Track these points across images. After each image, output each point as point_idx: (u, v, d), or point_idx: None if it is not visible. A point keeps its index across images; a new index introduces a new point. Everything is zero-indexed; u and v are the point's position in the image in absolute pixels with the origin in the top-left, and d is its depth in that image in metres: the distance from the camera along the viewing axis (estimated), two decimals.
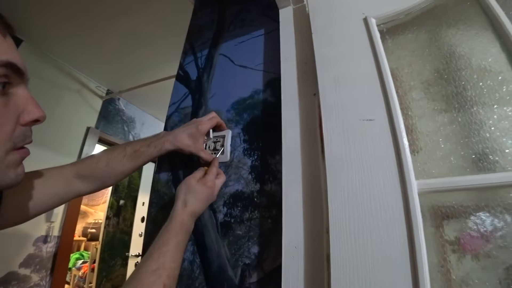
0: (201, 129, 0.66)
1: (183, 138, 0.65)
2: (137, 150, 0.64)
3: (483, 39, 0.55)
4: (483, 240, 0.44)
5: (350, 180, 0.45)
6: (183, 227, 0.53)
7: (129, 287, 0.44)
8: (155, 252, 0.48)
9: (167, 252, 0.48)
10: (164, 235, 0.52)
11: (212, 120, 0.70)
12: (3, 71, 0.29)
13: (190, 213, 0.55)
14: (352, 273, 0.40)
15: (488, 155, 0.45)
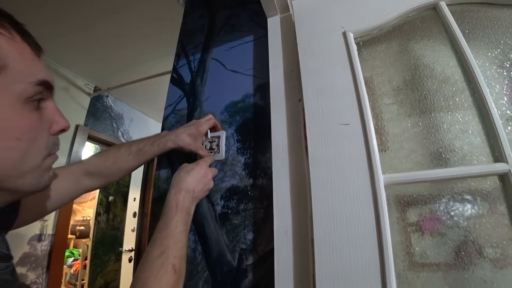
0: (200, 129, 0.73)
1: (184, 137, 0.72)
2: (141, 149, 0.70)
3: (443, 53, 0.64)
4: (437, 222, 0.54)
5: (329, 175, 0.54)
6: (179, 206, 0.53)
7: (139, 277, 0.44)
8: (158, 237, 0.49)
9: (169, 234, 0.49)
10: (162, 219, 0.52)
11: (209, 121, 0.77)
12: (40, 89, 0.32)
13: (184, 192, 0.55)
14: (331, 252, 0.49)
15: (442, 154, 0.55)
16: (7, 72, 0.28)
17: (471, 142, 0.54)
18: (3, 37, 0.29)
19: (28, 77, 0.30)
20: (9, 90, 0.29)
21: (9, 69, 0.29)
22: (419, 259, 0.52)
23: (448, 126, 0.57)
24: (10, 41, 0.30)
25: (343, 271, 0.47)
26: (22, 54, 0.31)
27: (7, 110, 0.29)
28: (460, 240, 0.51)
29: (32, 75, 0.31)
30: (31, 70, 0.31)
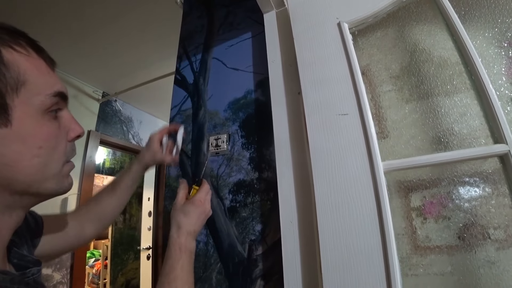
0: (152, 138, 0.71)
1: (145, 156, 0.70)
2: (121, 185, 0.68)
3: (439, 37, 0.64)
4: (440, 205, 0.55)
5: (330, 165, 0.55)
6: (183, 249, 0.53)
7: None
8: (165, 280, 0.49)
9: (176, 277, 0.49)
10: (167, 263, 0.51)
11: (162, 129, 0.73)
12: (56, 100, 0.34)
13: (186, 234, 0.54)
14: (335, 239, 0.51)
15: (441, 138, 0.56)
16: (27, 86, 0.31)
17: (470, 124, 0.55)
18: (21, 54, 0.32)
19: (46, 90, 0.33)
20: (30, 103, 0.31)
21: (29, 84, 0.31)
22: (423, 243, 0.53)
23: (447, 110, 0.58)
24: (27, 58, 0.32)
25: (347, 256, 0.49)
26: (39, 69, 0.33)
27: (29, 121, 0.31)
28: (463, 222, 0.52)
29: (49, 88, 0.34)
30: (48, 83, 0.34)
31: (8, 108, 0.30)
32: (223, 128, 0.88)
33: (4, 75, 0.30)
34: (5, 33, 0.32)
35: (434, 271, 0.49)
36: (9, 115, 0.30)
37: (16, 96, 0.30)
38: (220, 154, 0.85)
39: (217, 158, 0.85)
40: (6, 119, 0.29)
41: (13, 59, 0.31)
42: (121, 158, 3.79)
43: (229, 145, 0.85)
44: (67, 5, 1.59)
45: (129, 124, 2.91)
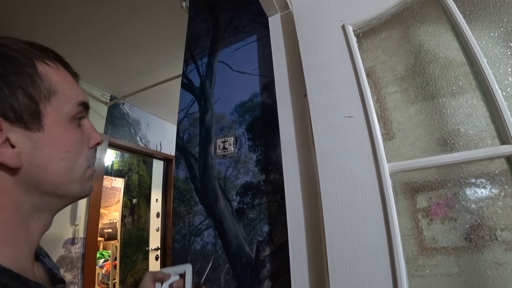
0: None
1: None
2: None
3: (444, 38, 0.64)
4: (446, 207, 0.55)
5: (336, 166, 0.56)
6: None
7: None
8: None
9: None
10: None
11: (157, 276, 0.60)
12: (80, 109, 0.38)
13: None
14: (341, 240, 0.51)
15: (447, 139, 0.56)
16: (57, 96, 0.35)
17: (476, 125, 0.55)
18: (52, 68, 0.36)
19: (72, 99, 0.37)
20: (60, 110, 0.35)
21: (59, 93, 0.35)
22: (429, 244, 0.54)
23: (453, 111, 0.58)
24: (57, 71, 0.36)
25: (353, 258, 0.49)
26: (67, 81, 0.37)
27: (58, 127, 0.34)
28: (470, 223, 0.52)
29: (75, 97, 0.37)
30: (74, 94, 0.37)
31: (41, 114, 0.33)
32: (230, 131, 0.89)
33: (38, 85, 0.33)
34: (37, 50, 0.36)
35: (441, 272, 0.50)
36: (42, 121, 0.33)
37: (48, 104, 0.34)
38: (227, 157, 0.86)
39: (224, 160, 0.86)
40: (39, 125, 0.33)
41: (46, 72, 0.35)
42: (129, 160, 3.84)
43: (236, 148, 0.86)
44: (75, 10, 1.63)
45: (137, 126, 2.96)
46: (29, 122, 0.32)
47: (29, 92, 0.32)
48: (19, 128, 0.31)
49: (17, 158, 0.31)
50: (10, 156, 0.30)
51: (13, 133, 0.31)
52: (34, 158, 0.32)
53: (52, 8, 1.59)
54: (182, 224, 0.85)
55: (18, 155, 0.31)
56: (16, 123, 0.31)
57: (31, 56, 0.34)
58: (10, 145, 0.31)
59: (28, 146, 0.32)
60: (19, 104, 0.31)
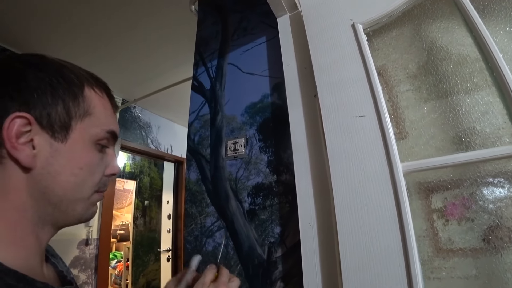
0: None
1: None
2: None
3: (457, 33, 0.63)
4: (463, 207, 0.54)
5: (348, 167, 0.55)
6: None
7: None
8: None
9: None
10: None
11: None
12: (108, 136, 0.40)
13: None
14: (354, 241, 0.51)
15: (463, 138, 0.55)
16: (91, 118, 0.38)
17: (492, 123, 0.53)
18: (97, 95, 0.40)
19: (103, 126, 0.39)
20: (87, 131, 0.37)
21: (93, 116, 0.38)
22: (445, 245, 0.52)
23: (468, 109, 0.56)
24: (100, 98, 0.40)
25: (367, 259, 0.49)
26: (105, 109, 0.40)
27: (81, 145, 0.37)
28: (488, 224, 0.50)
29: (106, 125, 0.40)
30: (107, 121, 0.40)
31: (70, 128, 0.36)
32: (240, 132, 0.89)
33: (79, 104, 0.37)
34: (91, 78, 0.40)
35: (458, 275, 0.48)
36: (68, 134, 0.35)
37: (80, 122, 0.37)
38: (238, 158, 0.86)
39: (235, 161, 0.87)
40: (64, 137, 0.35)
41: (90, 96, 0.38)
42: (141, 163, 3.90)
43: (247, 149, 0.86)
44: (87, 16, 1.68)
45: (148, 129, 3.00)
46: (56, 132, 0.34)
47: (68, 107, 0.35)
48: (46, 134, 0.34)
49: (32, 159, 0.32)
50: (27, 156, 0.32)
51: (39, 136, 0.33)
52: (48, 165, 0.34)
53: (64, 13, 1.64)
54: (194, 226, 0.86)
55: (34, 157, 0.33)
56: (45, 128, 0.34)
57: (84, 80, 0.38)
58: (32, 146, 0.33)
59: (47, 152, 0.34)
60: (56, 114, 0.34)
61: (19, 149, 0.32)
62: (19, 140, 0.32)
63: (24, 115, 0.32)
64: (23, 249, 0.32)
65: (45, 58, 0.38)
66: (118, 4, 1.61)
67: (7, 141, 0.31)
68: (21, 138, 0.32)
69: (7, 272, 0.28)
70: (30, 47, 1.90)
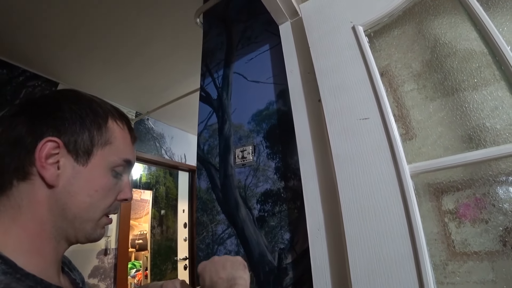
0: None
1: None
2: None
3: (461, 28, 0.61)
4: (477, 208, 0.52)
5: (353, 171, 0.55)
6: None
7: None
8: None
9: None
10: None
11: None
12: (124, 164, 0.43)
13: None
14: (362, 246, 0.50)
15: (472, 135, 0.53)
16: (111, 147, 0.42)
17: (503, 119, 0.51)
18: (118, 127, 0.44)
19: (121, 154, 0.43)
20: (106, 158, 0.41)
21: (113, 146, 0.42)
22: (459, 249, 0.50)
23: (476, 105, 0.55)
24: (121, 130, 0.44)
25: (376, 264, 0.48)
26: (125, 140, 0.44)
27: (98, 169, 0.40)
28: (504, 225, 0.48)
29: (124, 154, 0.43)
30: (125, 151, 0.44)
31: (92, 154, 0.40)
32: (248, 140, 0.90)
33: (102, 134, 0.41)
34: (115, 112, 0.45)
35: (474, 279, 0.46)
36: (89, 159, 0.39)
37: (101, 149, 0.41)
38: (246, 166, 0.87)
39: (244, 169, 0.87)
40: (86, 161, 0.39)
41: (113, 127, 0.43)
42: (156, 173, 3.98)
43: (255, 156, 0.87)
44: (100, 35, 1.75)
45: (162, 140, 3.07)
46: (80, 156, 0.39)
47: (92, 135, 0.40)
48: (71, 157, 0.38)
49: (56, 178, 0.36)
50: (52, 174, 0.36)
51: (64, 159, 0.38)
52: (70, 185, 0.37)
53: (79, 33, 1.72)
54: (206, 234, 0.87)
55: (58, 176, 0.37)
56: (71, 152, 0.38)
57: (108, 113, 0.43)
58: (57, 167, 0.37)
59: (70, 173, 0.38)
60: (81, 141, 0.39)
61: (46, 168, 0.36)
62: (48, 161, 0.36)
63: (55, 140, 0.37)
64: (42, 258, 0.36)
65: (79, 93, 0.43)
66: (127, 25, 1.67)
67: (37, 161, 0.35)
68: (50, 159, 0.36)
69: (28, 276, 0.31)
70: (51, 70, 2.01)
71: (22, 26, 1.62)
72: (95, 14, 1.59)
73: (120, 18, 1.63)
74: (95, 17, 1.61)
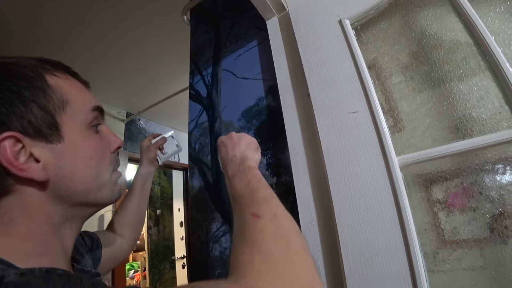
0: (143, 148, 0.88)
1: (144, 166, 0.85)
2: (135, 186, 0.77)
3: (446, 19, 0.62)
4: (465, 197, 0.53)
5: (343, 164, 0.55)
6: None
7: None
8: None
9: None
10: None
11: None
12: (95, 114, 0.38)
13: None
14: (354, 237, 0.50)
15: (459, 126, 0.54)
16: (71, 105, 0.35)
17: (489, 108, 0.52)
18: (61, 78, 0.36)
19: (85, 106, 0.37)
20: (75, 119, 0.35)
21: (71, 102, 0.35)
22: (449, 237, 0.51)
23: (462, 96, 0.55)
24: (66, 81, 0.37)
25: (369, 255, 0.48)
26: (77, 89, 0.38)
27: (77, 136, 0.35)
28: (492, 213, 0.49)
29: (88, 104, 0.38)
30: (86, 100, 0.38)
31: (59, 125, 0.33)
32: None
33: (51, 97, 0.34)
34: (46, 64, 0.36)
35: (463, 266, 0.47)
36: (60, 132, 0.33)
37: (63, 114, 0.34)
38: None
39: None
40: (59, 136, 0.33)
41: (56, 83, 0.35)
42: None
43: None
44: (88, 35, 1.72)
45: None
46: (48, 135, 0.32)
47: (43, 105, 0.32)
48: (41, 142, 0.32)
49: (44, 172, 0.31)
50: (37, 170, 0.31)
51: (36, 147, 0.31)
52: (60, 169, 0.33)
53: (64, 37, 1.69)
54: (200, 232, 0.87)
55: (44, 168, 0.31)
56: (36, 137, 0.32)
57: (40, 70, 0.34)
58: (35, 160, 0.31)
59: (52, 158, 0.32)
60: (36, 118, 0.32)
61: (25, 168, 0.30)
62: (20, 160, 0.30)
63: (8, 135, 0.29)
64: (53, 257, 0.32)
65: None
66: (113, 24, 1.64)
67: (10, 167, 0.29)
68: (20, 156, 0.30)
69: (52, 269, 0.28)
70: None
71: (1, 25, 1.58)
72: (80, 14, 1.55)
73: (106, 17, 1.60)
74: (80, 17, 1.58)
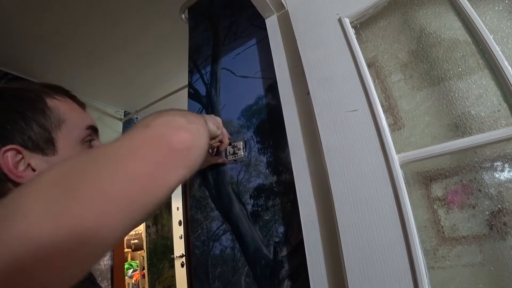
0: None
1: None
2: None
3: (445, 18, 0.62)
4: (464, 194, 0.53)
5: (344, 162, 0.55)
6: None
7: None
8: None
9: None
10: None
11: None
12: (89, 132, 0.43)
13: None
14: (355, 235, 0.51)
15: (459, 124, 0.54)
16: (66, 123, 0.41)
17: (487, 106, 0.53)
18: (60, 101, 0.42)
19: (80, 124, 0.42)
20: (70, 136, 0.41)
21: (67, 121, 0.41)
22: (448, 234, 0.52)
23: (461, 94, 0.56)
24: (64, 103, 0.43)
25: (369, 252, 0.49)
26: (74, 110, 0.43)
27: (69, 149, 0.40)
28: (491, 210, 0.49)
29: (82, 123, 0.43)
30: (81, 119, 0.43)
31: (54, 141, 0.39)
32: (238, 136, 0.90)
33: (49, 117, 0.39)
34: (48, 88, 0.43)
35: (463, 263, 0.48)
36: (55, 146, 0.39)
37: (59, 131, 0.40)
38: (238, 161, 0.87)
39: (235, 165, 0.87)
40: (54, 149, 0.39)
41: (55, 105, 0.41)
42: None
43: (246, 152, 0.86)
44: (85, 35, 1.70)
45: None
46: (45, 148, 0.38)
47: (42, 123, 0.38)
48: (38, 155, 0.37)
49: None
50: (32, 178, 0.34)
51: (33, 159, 0.37)
52: None
53: (62, 38, 1.67)
54: (200, 231, 0.87)
55: None
56: (34, 150, 0.37)
57: (42, 94, 0.41)
58: (32, 169, 0.36)
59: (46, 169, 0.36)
60: (35, 134, 0.37)
61: (23, 176, 0.35)
62: (19, 169, 0.35)
63: (10, 147, 0.35)
64: None
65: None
66: (111, 22, 1.63)
67: (10, 175, 0.34)
68: (19, 166, 0.36)
69: None
70: (31, 70, 1.95)
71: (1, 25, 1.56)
72: (76, 11, 1.54)
73: (103, 15, 1.59)
74: (77, 14, 1.56)
